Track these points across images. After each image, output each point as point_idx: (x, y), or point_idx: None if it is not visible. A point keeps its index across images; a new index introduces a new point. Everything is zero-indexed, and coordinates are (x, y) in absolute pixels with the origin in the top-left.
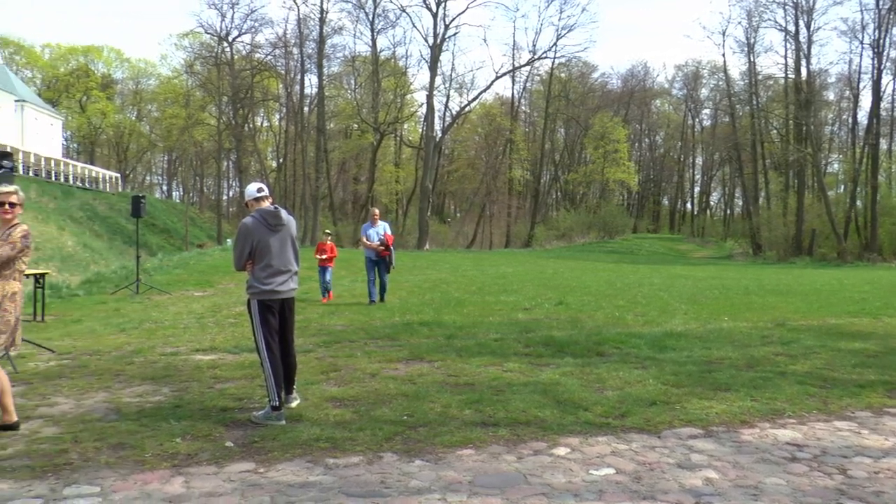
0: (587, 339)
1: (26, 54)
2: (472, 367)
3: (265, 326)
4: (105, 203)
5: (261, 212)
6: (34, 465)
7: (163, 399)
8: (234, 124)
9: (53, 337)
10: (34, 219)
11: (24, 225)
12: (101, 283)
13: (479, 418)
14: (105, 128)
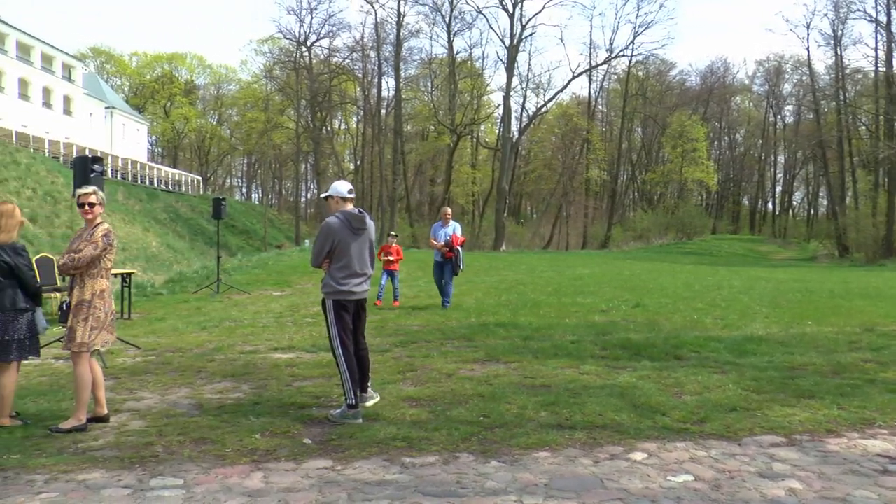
0: (665, 342)
1: (116, 63)
2: (548, 368)
3: (340, 325)
4: (187, 205)
5: (345, 213)
6: (123, 457)
7: (242, 396)
8: (312, 127)
9: (139, 334)
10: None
11: (106, 224)
12: (183, 282)
13: (555, 420)
14: (188, 132)
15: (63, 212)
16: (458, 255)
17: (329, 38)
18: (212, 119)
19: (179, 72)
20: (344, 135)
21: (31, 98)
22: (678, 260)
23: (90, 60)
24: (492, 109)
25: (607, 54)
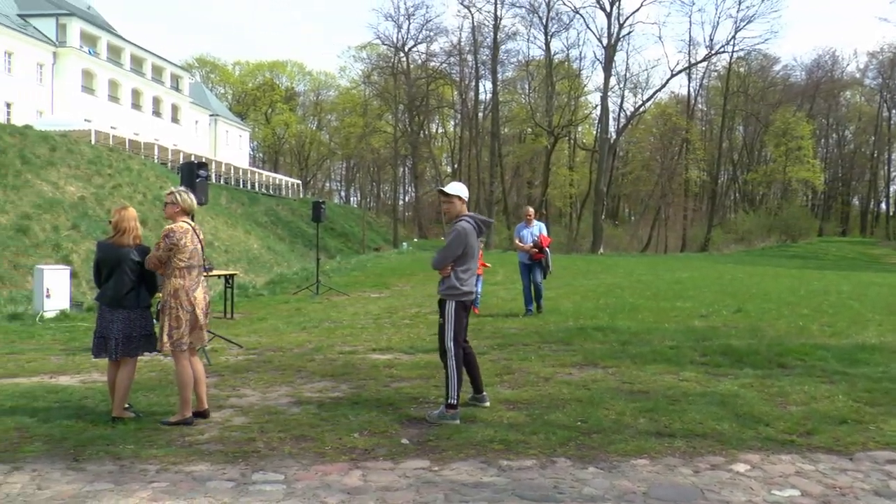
0: (768, 349)
1: (220, 72)
2: (646, 374)
3: (459, 325)
4: (287, 208)
5: (474, 217)
6: (226, 451)
7: (341, 395)
8: (409, 131)
9: (241, 333)
10: (224, 223)
11: (170, 224)
12: (283, 283)
13: (653, 428)
14: (288, 138)
15: None
16: (547, 256)
17: (426, 43)
18: (311, 124)
19: (280, 79)
20: (441, 138)
21: (143, 107)
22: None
23: (196, 70)
24: (589, 110)
25: (707, 51)
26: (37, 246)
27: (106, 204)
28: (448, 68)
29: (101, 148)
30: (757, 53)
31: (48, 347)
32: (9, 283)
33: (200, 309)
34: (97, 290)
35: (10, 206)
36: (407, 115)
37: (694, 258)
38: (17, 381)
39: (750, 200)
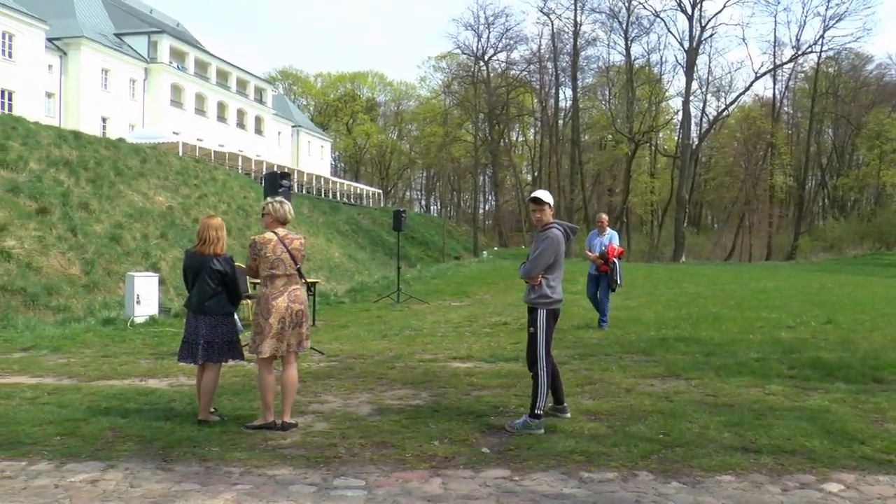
0: (861, 363)
1: (302, 84)
2: (731, 387)
3: (549, 335)
4: (368, 217)
5: (563, 225)
6: (308, 456)
7: (422, 403)
8: (490, 140)
9: (323, 340)
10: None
11: (254, 236)
12: (364, 291)
13: (739, 443)
14: (369, 147)
15: (254, 224)
16: (614, 269)
17: (506, 52)
18: (392, 134)
19: (361, 90)
20: (521, 146)
21: (228, 120)
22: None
23: (279, 83)
24: (670, 116)
25: (794, 51)
26: (128, 254)
27: (192, 213)
28: (528, 76)
29: (188, 159)
30: (848, 52)
31: (138, 351)
32: (103, 289)
33: (280, 318)
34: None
35: (105, 216)
36: (487, 124)
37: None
38: (110, 383)
39: (840, 206)
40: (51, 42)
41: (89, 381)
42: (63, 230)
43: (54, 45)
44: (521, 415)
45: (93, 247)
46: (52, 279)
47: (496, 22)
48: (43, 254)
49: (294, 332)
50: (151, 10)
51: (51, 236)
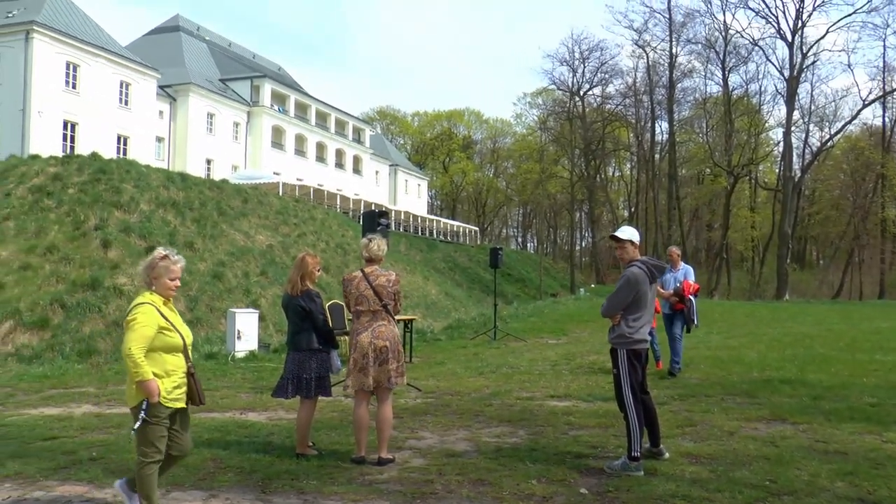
0: None
1: (399, 124)
2: (842, 433)
3: (633, 375)
4: (465, 255)
5: (647, 263)
6: (405, 491)
7: (519, 441)
8: (586, 176)
9: (420, 377)
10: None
11: (345, 274)
12: (461, 328)
13: (854, 493)
14: (465, 185)
15: (352, 262)
16: (690, 307)
17: (601, 86)
18: (488, 172)
19: (457, 128)
20: (618, 182)
21: (327, 160)
22: None
23: (377, 123)
24: (771, 147)
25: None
26: (229, 291)
27: (292, 251)
28: (623, 110)
29: (287, 199)
30: None
31: (239, 385)
32: (206, 324)
33: (362, 353)
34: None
35: (208, 255)
36: (583, 160)
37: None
38: (212, 416)
39: None
40: (162, 89)
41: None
42: None
43: (165, 92)
44: (620, 456)
45: (196, 284)
46: None
47: (591, 56)
48: None
49: (381, 368)
50: (255, 55)
51: None
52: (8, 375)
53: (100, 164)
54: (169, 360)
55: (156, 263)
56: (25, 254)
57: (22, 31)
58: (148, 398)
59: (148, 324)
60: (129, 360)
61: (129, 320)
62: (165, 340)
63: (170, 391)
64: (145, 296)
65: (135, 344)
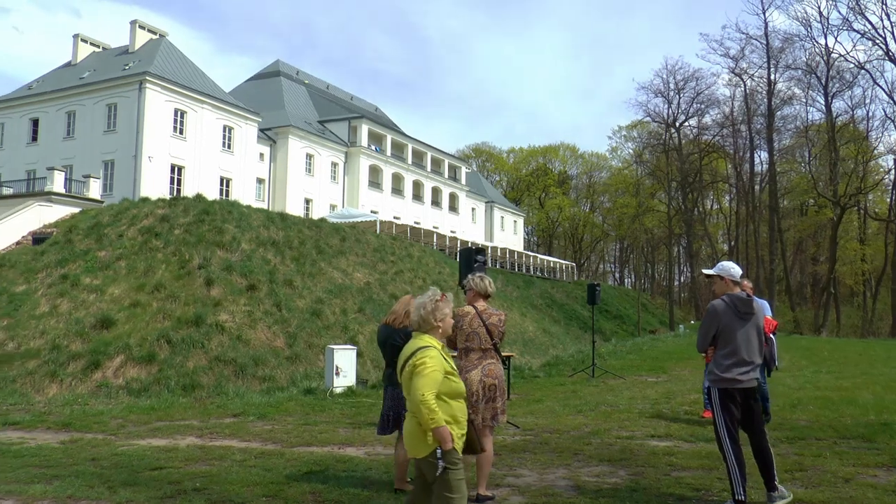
0: None
1: (494, 160)
2: None
3: (726, 415)
4: (562, 291)
5: (731, 297)
6: None
7: (619, 481)
8: (683, 209)
9: (518, 414)
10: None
11: (456, 309)
12: (559, 366)
13: None
14: (561, 221)
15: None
16: (770, 347)
17: (697, 117)
18: (584, 207)
19: (553, 163)
20: (716, 214)
21: (423, 198)
22: None
23: (472, 160)
24: (881, 176)
25: None
26: (328, 328)
27: (389, 288)
28: (721, 140)
29: (384, 237)
30: None
31: (337, 420)
32: (304, 360)
33: (472, 391)
34: None
35: (307, 292)
36: (680, 193)
37: None
38: (311, 450)
39: None
40: (263, 132)
41: (291, 447)
42: (269, 305)
43: (266, 135)
44: (726, 499)
45: (296, 321)
46: (259, 351)
47: (686, 87)
48: (251, 327)
49: (488, 406)
50: (352, 96)
51: (258, 311)
52: (119, 407)
53: (204, 206)
54: (455, 406)
55: (439, 306)
56: (135, 292)
57: (136, 82)
58: (442, 445)
59: (437, 368)
60: (424, 406)
61: (417, 364)
62: (451, 386)
63: (457, 438)
64: (425, 339)
65: (428, 389)
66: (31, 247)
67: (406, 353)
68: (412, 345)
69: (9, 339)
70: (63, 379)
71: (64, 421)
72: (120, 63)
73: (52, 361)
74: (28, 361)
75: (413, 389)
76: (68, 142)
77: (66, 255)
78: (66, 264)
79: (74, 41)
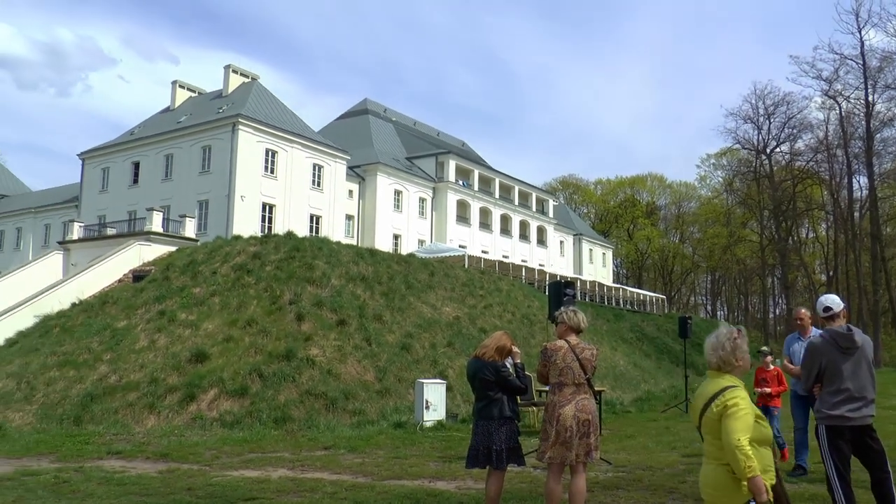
0: None
1: (582, 192)
2: None
3: (835, 454)
4: (652, 324)
5: (831, 332)
6: None
7: None
8: (777, 238)
9: (610, 450)
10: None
11: (546, 343)
12: (651, 401)
13: None
14: (651, 252)
15: (538, 333)
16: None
17: (789, 142)
18: (673, 238)
19: (641, 194)
20: (812, 244)
21: (511, 232)
22: None
23: (559, 193)
24: None
25: None
26: (417, 362)
27: (478, 323)
28: (815, 166)
29: (473, 271)
30: None
31: (427, 454)
32: (394, 394)
33: (566, 426)
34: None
35: (396, 326)
36: (773, 222)
37: None
38: (401, 483)
39: None
40: (351, 170)
41: (382, 480)
42: (359, 340)
43: (354, 172)
44: None
45: (385, 355)
46: (350, 385)
47: (777, 111)
48: (341, 361)
49: (582, 441)
50: (438, 132)
51: (348, 345)
52: (213, 439)
53: (294, 243)
54: (765, 454)
55: (738, 344)
56: (228, 327)
57: (230, 124)
58: (756, 497)
59: (749, 411)
60: (739, 452)
61: (730, 406)
62: (761, 431)
63: (769, 489)
64: (729, 378)
65: (743, 434)
66: (132, 284)
67: (708, 392)
68: (715, 384)
69: (112, 373)
70: (160, 411)
71: (161, 451)
72: (215, 106)
73: (151, 394)
74: (128, 394)
75: (726, 433)
76: (166, 183)
77: (164, 292)
78: (163, 300)
79: (173, 87)
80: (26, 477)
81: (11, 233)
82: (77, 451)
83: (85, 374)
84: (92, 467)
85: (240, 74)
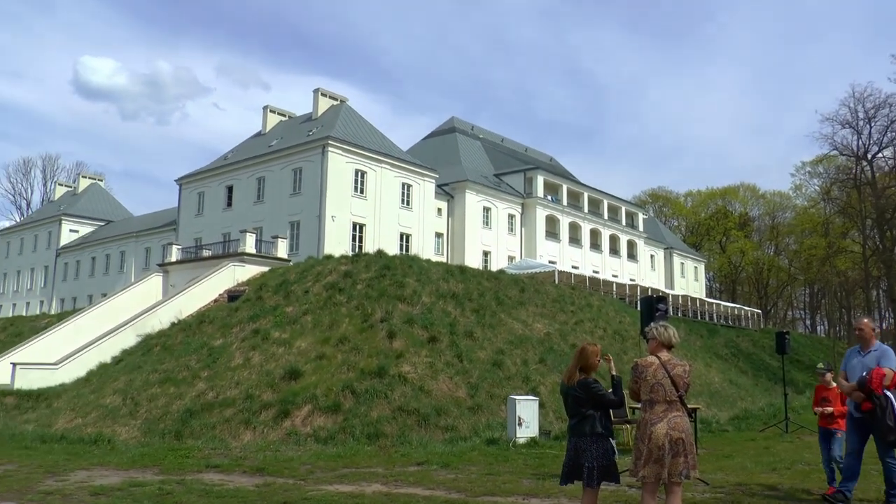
0: None
1: (672, 205)
2: None
3: None
4: (748, 340)
5: None
6: None
7: None
8: (881, 249)
9: (706, 469)
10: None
11: (637, 359)
12: (748, 419)
13: None
14: (744, 265)
15: (630, 349)
16: (887, 408)
17: (893, 147)
18: (768, 250)
19: (733, 205)
20: None
21: (601, 247)
22: None
23: (649, 206)
24: None
25: None
26: (509, 378)
27: (569, 339)
28: None
29: (563, 287)
30: None
31: (520, 471)
32: (486, 411)
33: (658, 445)
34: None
35: (488, 343)
36: (876, 231)
37: None
38: (494, 499)
39: None
40: (440, 188)
41: (475, 496)
42: (450, 356)
43: (443, 191)
44: None
45: (477, 372)
46: (441, 401)
47: (878, 115)
48: (433, 378)
49: (675, 460)
50: (526, 148)
51: (440, 362)
52: (308, 454)
53: (385, 261)
54: None
55: None
56: (321, 344)
57: (320, 146)
58: None
59: None
60: None
61: None
62: None
63: None
64: None
65: None
66: (227, 304)
67: None
68: None
69: (209, 389)
70: (256, 426)
71: (258, 466)
72: (305, 129)
73: (246, 410)
74: (225, 410)
75: None
76: (258, 205)
77: (258, 311)
78: (257, 319)
79: (264, 112)
80: (133, 487)
81: (116, 256)
82: (178, 464)
83: (184, 390)
84: (192, 480)
85: (329, 97)
